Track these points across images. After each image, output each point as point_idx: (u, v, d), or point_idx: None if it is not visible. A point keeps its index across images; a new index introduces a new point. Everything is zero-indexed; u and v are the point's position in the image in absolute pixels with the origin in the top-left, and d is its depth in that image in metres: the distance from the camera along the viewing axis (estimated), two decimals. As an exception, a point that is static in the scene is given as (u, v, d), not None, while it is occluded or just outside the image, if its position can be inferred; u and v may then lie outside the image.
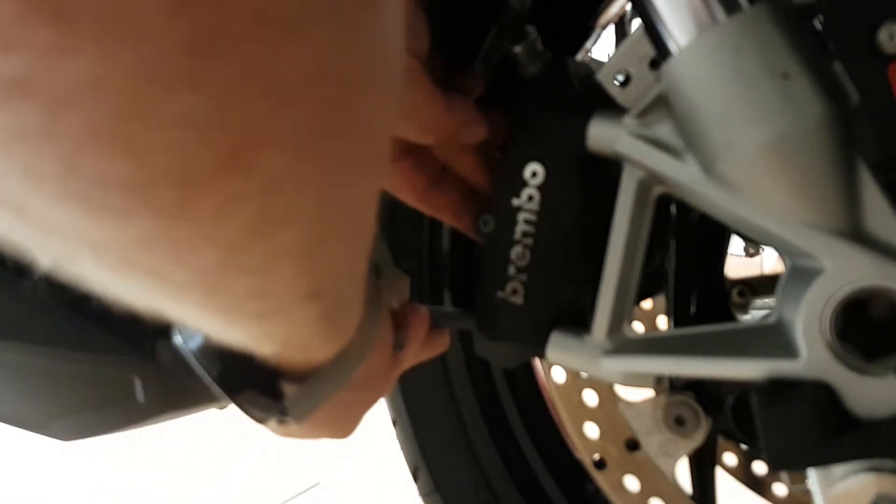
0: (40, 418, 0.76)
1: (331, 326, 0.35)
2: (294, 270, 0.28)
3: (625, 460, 0.80)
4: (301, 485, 2.19)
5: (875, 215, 0.55)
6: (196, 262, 0.24)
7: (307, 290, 0.29)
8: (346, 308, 0.36)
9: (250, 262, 0.25)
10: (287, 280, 0.28)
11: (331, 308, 0.33)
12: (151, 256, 0.24)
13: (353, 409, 0.55)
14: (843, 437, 0.55)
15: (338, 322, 0.36)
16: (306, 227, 0.26)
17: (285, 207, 0.25)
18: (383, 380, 0.55)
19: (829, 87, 0.53)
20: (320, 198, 0.26)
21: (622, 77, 0.68)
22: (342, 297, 0.34)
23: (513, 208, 0.65)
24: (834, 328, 0.55)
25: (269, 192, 0.23)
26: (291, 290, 0.29)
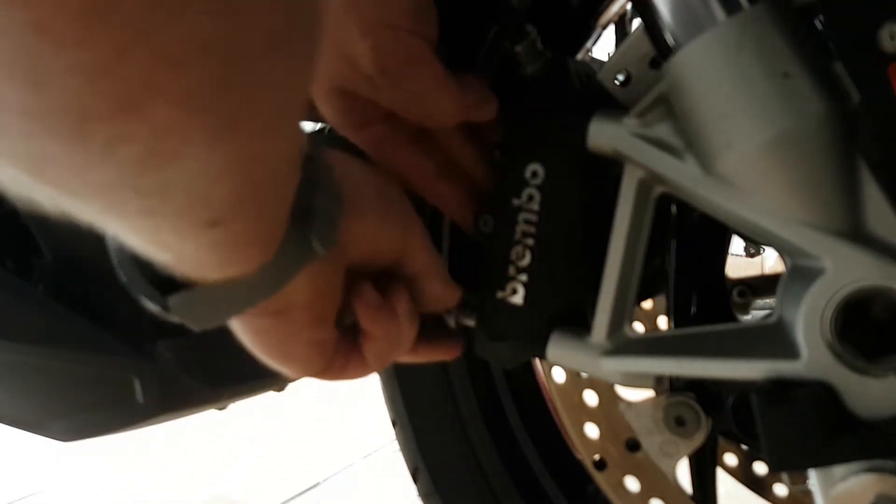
0: (39, 418, 0.75)
1: (226, 255, 0.40)
2: (186, 200, 0.33)
3: (625, 461, 0.80)
4: (301, 485, 2.19)
5: (875, 215, 0.55)
6: (93, 179, 0.30)
7: (202, 218, 0.35)
8: (245, 243, 0.40)
9: (142, 187, 0.31)
10: (179, 207, 0.33)
11: (228, 239, 0.38)
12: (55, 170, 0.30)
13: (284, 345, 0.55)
14: (843, 437, 0.55)
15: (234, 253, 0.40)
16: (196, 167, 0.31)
17: (174, 149, 0.30)
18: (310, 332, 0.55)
19: (830, 87, 0.53)
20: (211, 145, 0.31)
21: (623, 76, 0.68)
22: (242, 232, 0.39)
23: (513, 208, 0.64)
24: (834, 328, 0.55)
25: (159, 136, 0.29)
26: (184, 216, 0.34)
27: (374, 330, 0.59)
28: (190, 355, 0.74)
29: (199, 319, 0.45)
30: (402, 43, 0.59)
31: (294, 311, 0.52)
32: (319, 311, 0.54)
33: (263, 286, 0.45)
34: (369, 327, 0.58)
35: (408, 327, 0.61)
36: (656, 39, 0.58)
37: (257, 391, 0.88)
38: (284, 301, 0.50)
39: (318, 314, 0.54)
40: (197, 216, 0.35)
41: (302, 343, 0.55)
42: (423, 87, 0.60)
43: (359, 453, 2.36)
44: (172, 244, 0.37)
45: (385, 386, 0.95)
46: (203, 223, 0.35)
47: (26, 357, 0.73)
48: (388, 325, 0.59)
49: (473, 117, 0.64)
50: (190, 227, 0.35)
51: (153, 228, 0.35)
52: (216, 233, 0.36)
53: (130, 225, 0.35)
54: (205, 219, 0.35)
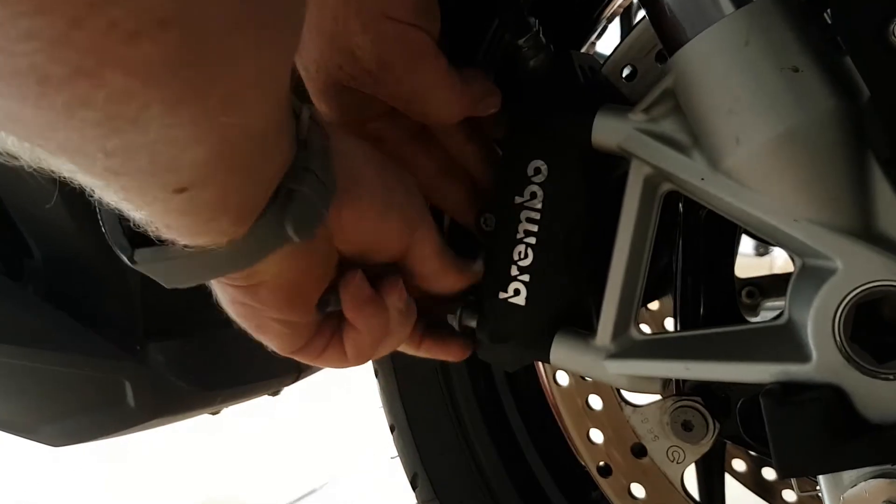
0: (29, 422, 0.75)
1: (195, 223, 0.41)
2: (151, 164, 0.34)
3: (630, 467, 0.79)
4: (298, 490, 2.19)
5: (886, 213, 0.54)
6: (59, 138, 0.32)
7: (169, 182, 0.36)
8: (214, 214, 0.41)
9: (107, 147, 0.32)
10: (144, 170, 0.35)
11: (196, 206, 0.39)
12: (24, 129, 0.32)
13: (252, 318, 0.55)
14: (853, 442, 0.54)
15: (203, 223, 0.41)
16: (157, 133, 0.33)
17: (133, 115, 0.31)
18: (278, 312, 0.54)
19: (839, 82, 0.53)
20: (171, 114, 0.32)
21: (628, 70, 0.67)
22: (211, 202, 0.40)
23: (515, 206, 0.63)
24: (845, 330, 0.54)
25: (116, 102, 0.30)
26: (151, 178, 0.36)
27: (358, 322, 0.57)
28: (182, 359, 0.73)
29: (165, 277, 0.46)
30: (404, 36, 0.58)
31: (263, 289, 0.51)
32: (292, 294, 0.53)
33: (231, 260, 0.46)
34: (352, 319, 0.57)
35: (399, 324, 0.60)
36: (662, 32, 0.57)
37: (251, 395, 0.88)
38: (254, 278, 0.50)
39: (290, 297, 0.53)
40: (163, 180, 0.36)
41: (271, 321, 0.55)
42: (426, 81, 0.59)
43: (356, 459, 2.36)
44: (142, 205, 0.38)
45: (383, 390, 0.94)
46: (170, 188, 0.37)
47: (15, 359, 0.72)
48: (374, 318, 0.58)
49: (477, 112, 0.63)
50: (157, 190, 0.37)
51: (122, 188, 0.36)
52: (183, 198, 0.38)
53: (100, 183, 0.36)
54: (171, 183, 0.36)
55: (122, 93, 0.30)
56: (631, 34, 0.67)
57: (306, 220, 0.47)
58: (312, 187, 0.47)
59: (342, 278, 0.57)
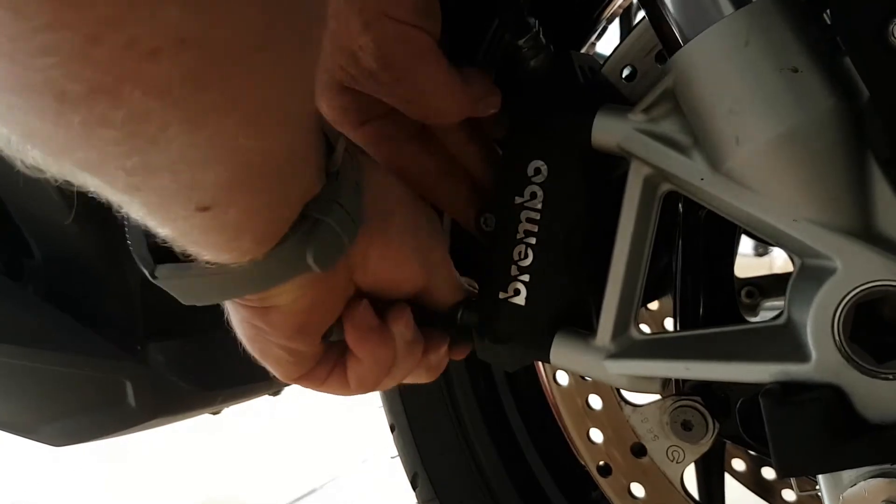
0: (29, 422, 0.75)
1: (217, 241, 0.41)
2: (173, 182, 0.34)
3: (630, 466, 0.79)
4: (298, 490, 2.19)
5: (886, 213, 0.54)
6: (78, 156, 0.32)
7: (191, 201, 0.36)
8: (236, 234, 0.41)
9: (127, 166, 0.32)
10: (166, 188, 0.35)
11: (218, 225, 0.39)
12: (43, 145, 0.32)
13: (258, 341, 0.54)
14: (852, 441, 0.54)
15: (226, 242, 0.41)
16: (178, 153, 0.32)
17: (152, 135, 0.31)
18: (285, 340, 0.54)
19: (839, 83, 0.52)
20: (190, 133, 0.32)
21: (628, 71, 0.67)
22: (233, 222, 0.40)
23: (515, 206, 0.63)
24: (845, 330, 0.54)
25: (135, 121, 0.30)
26: (173, 197, 0.36)
27: (361, 352, 0.57)
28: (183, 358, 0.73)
29: (183, 294, 0.46)
30: (404, 36, 0.58)
31: (276, 313, 0.51)
32: (302, 323, 0.53)
33: (248, 281, 0.46)
34: (355, 349, 0.57)
35: (406, 353, 0.59)
36: (662, 33, 0.57)
37: (252, 395, 0.88)
38: (268, 301, 0.50)
39: (300, 326, 0.53)
40: (185, 198, 0.36)
41: (276, 347, 0.54)
42: (427, 81, 0.59)
43: (356, 459, 2.36)
44: (165, 221, 0.38)
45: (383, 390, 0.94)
46: (192, 206, 0.36)
47: (15, 359, 0.72)
48: (378, 349, 0.57)
49: (477, 113, 0.63)
50: (180, 209, 0.37)
51: (145, 205, 0.36)
52: (206, 217, 0.37)
53: (125, 199, 0.36)
54: (194, 202, 0.36)
55: (142, 112, 0.30)
56: (631, 34, 0.67)
57: (328, 251, 0.47)
58: (338, 220, 0.47)
59: (347, 308, 0.56)
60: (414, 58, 0.58)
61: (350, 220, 0.48)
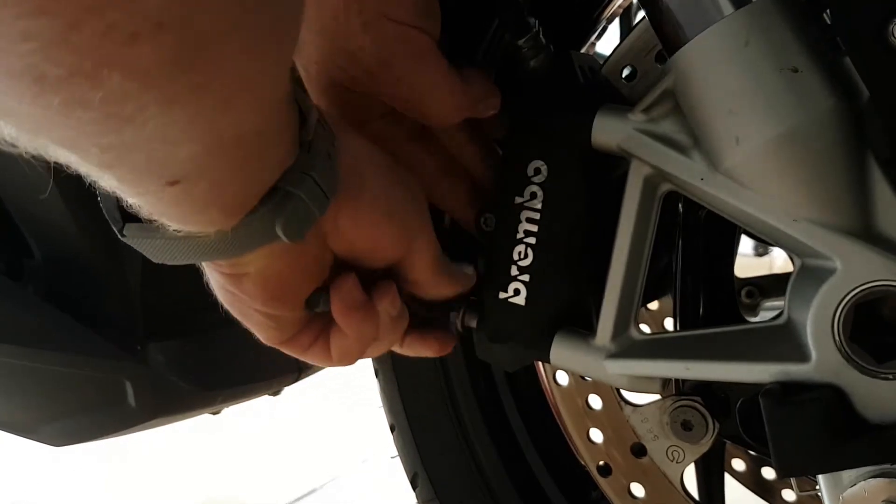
0: (29, 422, 0.75)
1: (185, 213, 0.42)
2: (145, 159, 0.35)
3: (630, 466, 0.79)
4: (297, 491, 2.18)
5: (886, 213, 0.54)
6: (55, 135, 0.33)
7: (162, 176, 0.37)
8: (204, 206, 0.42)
9: (102, 144, 0.33)
10: (139, 164, 0.36)
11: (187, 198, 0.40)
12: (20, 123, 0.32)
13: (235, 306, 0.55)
14: (852, 441, 0.54)
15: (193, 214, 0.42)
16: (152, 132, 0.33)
17: (129, 115, 0.32)
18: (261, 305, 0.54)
19: (839, 83, 0.52)
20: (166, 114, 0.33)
21: (628, 71, 0.67)
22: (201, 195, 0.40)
23: (515, 206, 0.63)
24: (845, 330, 0.54)
25: (113, 103, 0.31)
26: (145, 172, 0.37)
27: (346, 325, 0.57)
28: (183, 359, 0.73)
29: (152, 253, 0.47)
30: (404, 37, 0.58)
31: (248, 280, 0.52)
32: (276, 288, 0.53)
33: (217, 248, 0.46)
34: (341, 322, 0.57)
35: (389, 329, 0.59)
36: (662, 33, 0.57)
37: (251, 395, 0.88)
38: (239, 268, 0.51)
39: (274, 291, 0.53)
40: (157, 174, 0.37)
41: (254, 311, 0.55)
42: (426, 82, 0.59)
43: (356, 459, 2.35)
44: (135, 194, 0.39)
45: (383, 390, 0.94)
46: (162, 181, 0.37)
47: (15, 359, 0.72)
48: (363, 324, 0.57)
49: (477, 113, 0.63)
50: (150, 183, 0.38)
51: (117, 179, 0.37)
52: (176, 191, 0.38)
53: (96, 174, 0.37)
54: (164, 177, 0.37)
55: (119, 94, 0.30)
56: (631, 34, 0.67)
57: (297, 223, 0.47)
58: (309, 192, 0.47)
59: (335, 280, 0.56)
60: (413, 58, 0.58)
61: (321, 191, 0.48)
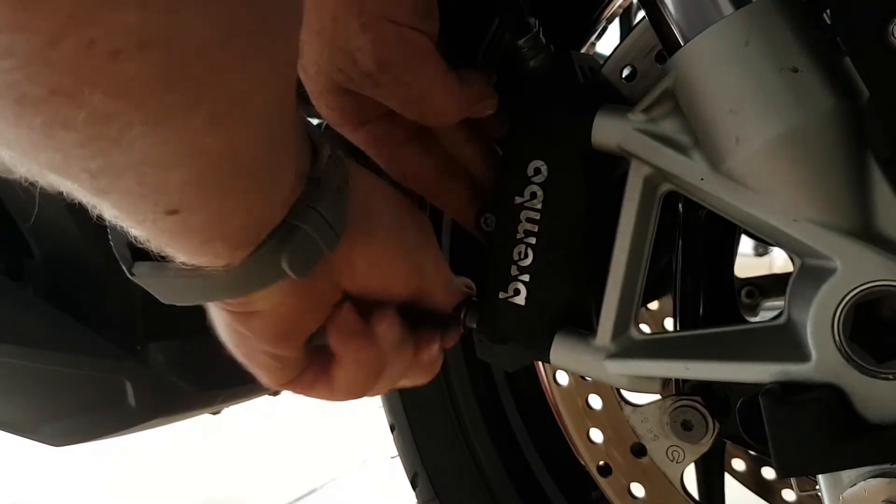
0: (29, 422, 0.75)
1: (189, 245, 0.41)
2: (138, 185, 0.34)
3: (630, 466, 0.79)
4: (297, 491, 2.18)
5: (886, 213, 0.54)
6: (42, 158, 0.31)
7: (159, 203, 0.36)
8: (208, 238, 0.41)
9: (91, 168, 0.32)
10: (132, 190, 0.34)
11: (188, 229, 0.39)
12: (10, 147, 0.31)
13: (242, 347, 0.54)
14: (852, 441, 0.54)
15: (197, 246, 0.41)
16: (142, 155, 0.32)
17: (115, 137, 0.30)
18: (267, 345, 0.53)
19: (839, 83, 0.52)
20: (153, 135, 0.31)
21: (628, 71, 0.67)
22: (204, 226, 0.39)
23: (515, 206, 0.63)
24: (845, 330, 0.54)
25: (97, 123, 0.29)
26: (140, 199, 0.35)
27: (344, 354, 0.56)
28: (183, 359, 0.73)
29: (161, 293, 0.46)
30: (403, 37, 0.58)
31: (257, 319, 0.51)
32: (285, 327, 0.52)
33: (226, 286, 0.45)
34: (339, 352, 0.56)
35: (394, 356, 0.58)
36: (662, 33, 0.57)
37: (252, 395, 0.88)
38: (248, 306, 0.50)
39: (283, 330, 0.52)
40: (153, 201, 0.36)
41: (260, 353, 0.54)
42: (425, 82, 0.59)
43: (356, 459, 2.35)
44: (135, 224, 0.38)
45: (384, 390, 0.94)
46: (161, 209, 0.36)
47: (15, 359, 0.72)
48: (361, 352, 0.56)
49: (475, 113, 0.63)
50: (148, 211, 0.36)
51: (114, 206, 0.36)
52: (176, 220, 0.37)
53: (93, 201, 0.35)
54: (162, 204, 0.36)
55: (103, 114, 0.29)
56: (631, 34, 0.67)
57: (304, 259, 0.46)
58: (316, 228, 0.46)
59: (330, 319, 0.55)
60: (412, 59, 0.58)
61: (329, 227, 0.47)
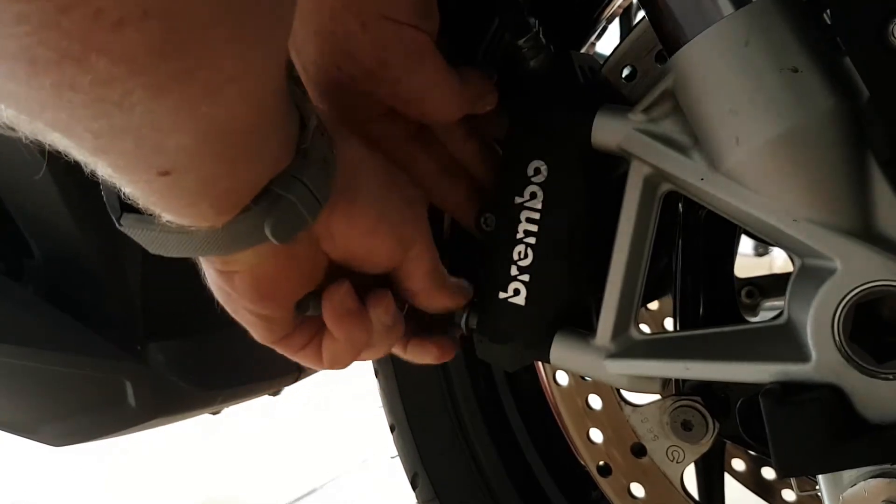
0: (29, 422, 0.75)
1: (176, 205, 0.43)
2: (136, 145, 0.36)
3: (630, 466, 0.79)
4: (297, 491, 2.18)
5: (886, 213, 0.54)
6: (48, 116, 0.34)
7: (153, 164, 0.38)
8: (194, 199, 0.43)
9: (94, 128, 0.34)
10: (130, 151, 0.37)
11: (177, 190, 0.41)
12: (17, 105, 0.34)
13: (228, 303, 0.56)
14: (852, 441, 0.54)
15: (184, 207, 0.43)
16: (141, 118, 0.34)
17: (117, 99, 0.33)
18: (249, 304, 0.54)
19: (839, 83, 0.52)
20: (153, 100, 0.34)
21: (628, 71, 0.67)
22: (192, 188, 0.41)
23: (515, 206, 0.63)
24: (845, 330, 0.54)
25: (101, 86, 0.32)
26: (137, 159, 0.38)
27: (337, 332, 0.57)
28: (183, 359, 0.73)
29: (148, 244, 0.48)
30: (403, 36, 0.58)
31: (238, 278, 0.52)
32: (266, 288, 0.53)
33: (208, 244, 0.47)
34: (332, 328, 0.57)
35: (383, 337, 0.59)
36: (662, 33, 0.57)
37: (251, 395, 0.88)
38: (229, 265, 0.51)
39: (264, 291, 0.54)
40: (148, 162, 0.38)
41: (244, 310, 0.55)
42: (424, 81, 0.59)
43: (356, 459, 2.35)
44: (128, 182, 0.40)
45: (383, 390, 0.94)
46: (154, 170, 0.39)
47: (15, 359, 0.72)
48: (354, 331, 0.57)
49: (475, 110, 0.64)
50: (142, 171, 0.39)
51: (110, 165, 0.38)
52: (167, 181, 0.39)
53: (91, 159, 0.38)
54: (156, 166, 0.38)
55: (107, 78, 0.32)
56: (631, 34, 0.67)
57: (287, 226, 0.47)
58: (300, 196, 0.47)
59: (329, 287, 0.57)
60: (412, 57, 0.59)
61: (313, 197, 0.48)
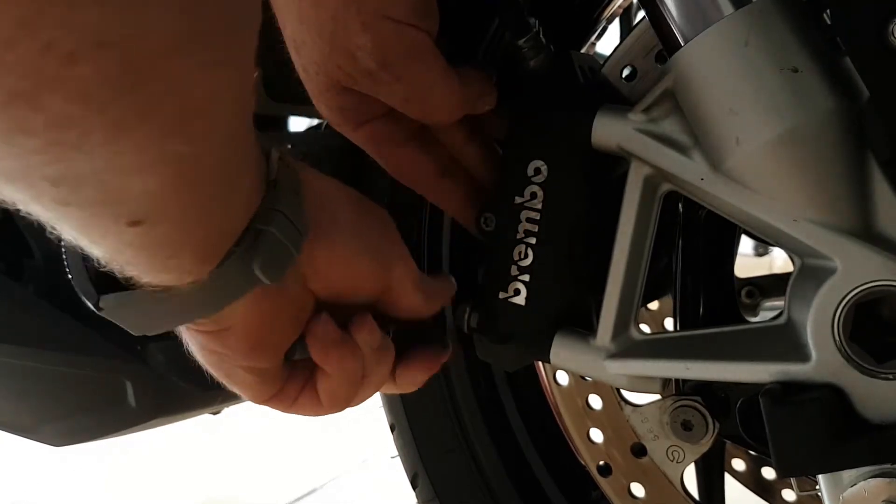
0: (30, 422, 0.75)
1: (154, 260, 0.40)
2: (99, 193, 0.33)
3: (630, 466, 0.79)
4: (297, 491, 2.18)
5: (886, 213, 0.54)
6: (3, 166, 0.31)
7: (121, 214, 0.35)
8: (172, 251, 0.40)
9: (52, 177, 0.31)
10: (94, 200, 0.33)
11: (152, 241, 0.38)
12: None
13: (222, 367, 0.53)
14: (852, 441, 0.54)
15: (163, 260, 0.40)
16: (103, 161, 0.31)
17: (75, 142, 0.30)
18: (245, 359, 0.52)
19: (839, 83, 0.52)
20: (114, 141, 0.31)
21: (628, 71, 0.67)
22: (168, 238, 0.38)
23: (515, 206, 0.63)
24: (845, 330, 0.54)
25: (56, 128, 0.29)
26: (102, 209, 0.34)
27: (328, 366, 0.55)
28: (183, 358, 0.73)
29: (132, 324, 0.45)
30: (403, 36, 0.58)
31: (232, 335, 0.50)
32: (261, 340, 0.52)
33: (198, 304, 0.44)
34: (321, 363, 0.55)
35: (375, 363, 0.57)
36: (662, 33, 0.57)
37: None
38: (222, 322, 0.49)
39: (259, 343, 0.52)
40: (115, 211, 0.35)
41: (239, 369, 0.53)
42: (425, 80, 0.59)
43: (356, 459, 2.35)
44: (97, 239, 0.37)
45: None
46: (122, 220, 0.35)
47: (15, 359, 0.72)
48: (345, 362, 0.55)
49: (475, 110, 0.64)
50: (110, 223, 0.35)
51: (74, 219, 0.35)
52: (138, 232, 0.36)
53: (53, 216, 0.34)
54: (124, 215, 0.35)
55: (63, 118, 0.29)
56: (631, 34, 0.67)
57: (275, 261, 0.46)
58: (282, 228, 0.46)
59: (308, 324, 0.54)
60: (412, 57, 0.58)
61: (293, 227, 0.47)
